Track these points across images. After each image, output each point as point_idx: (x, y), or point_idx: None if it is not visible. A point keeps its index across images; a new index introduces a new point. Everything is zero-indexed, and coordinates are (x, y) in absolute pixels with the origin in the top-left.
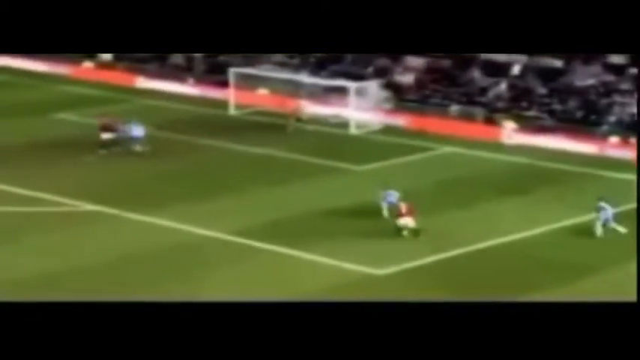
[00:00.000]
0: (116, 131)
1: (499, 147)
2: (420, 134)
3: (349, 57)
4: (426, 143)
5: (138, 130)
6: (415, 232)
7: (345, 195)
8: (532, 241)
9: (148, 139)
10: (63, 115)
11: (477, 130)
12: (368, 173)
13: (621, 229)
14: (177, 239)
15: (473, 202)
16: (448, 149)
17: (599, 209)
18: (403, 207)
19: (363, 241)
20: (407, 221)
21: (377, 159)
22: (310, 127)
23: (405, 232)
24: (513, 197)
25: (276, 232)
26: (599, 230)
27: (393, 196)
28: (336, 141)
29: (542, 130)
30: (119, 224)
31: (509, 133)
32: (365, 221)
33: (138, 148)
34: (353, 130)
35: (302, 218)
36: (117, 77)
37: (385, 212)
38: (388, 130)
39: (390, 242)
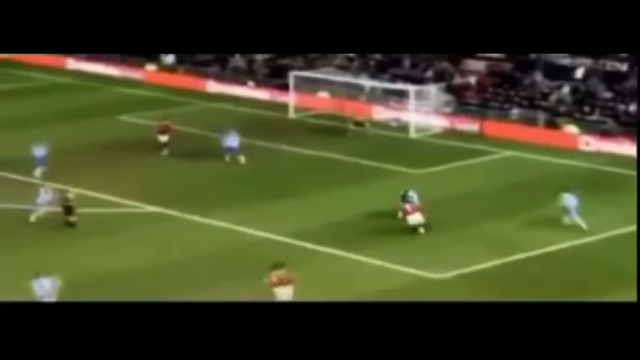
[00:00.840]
0: (171, 133)
1: (561, 151)
2: (480, 138)
3: (409, 60)
4: (487, 147)
5: (233, 140)
6: (427, 227)
7: None
8: (595, 246)
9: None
10: (125, 117)
11: (538, 134)
12: (427, 177)
13: (583, 225)
14: (237, 241)
15: (534, 206)
16: (509, 153)
17: (562, 200)
18: (408, 206)
19: (423, 245)
20: (416, 218)
21: (436, 162)
22: (370, 131)
23: (421, 230)
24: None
25: (334, 234)
26: (565, 220)
27: (413, 197)
28: (395, 144)
29: (606, 134)
30: (180, 225)
31: (587, 140)
32: None
33: (242, 159)
34: (412, 134)
35: (360, 221)
36: (179, 80)
37: (400, 214)
38: (448, 133)
39: (450, 246)
